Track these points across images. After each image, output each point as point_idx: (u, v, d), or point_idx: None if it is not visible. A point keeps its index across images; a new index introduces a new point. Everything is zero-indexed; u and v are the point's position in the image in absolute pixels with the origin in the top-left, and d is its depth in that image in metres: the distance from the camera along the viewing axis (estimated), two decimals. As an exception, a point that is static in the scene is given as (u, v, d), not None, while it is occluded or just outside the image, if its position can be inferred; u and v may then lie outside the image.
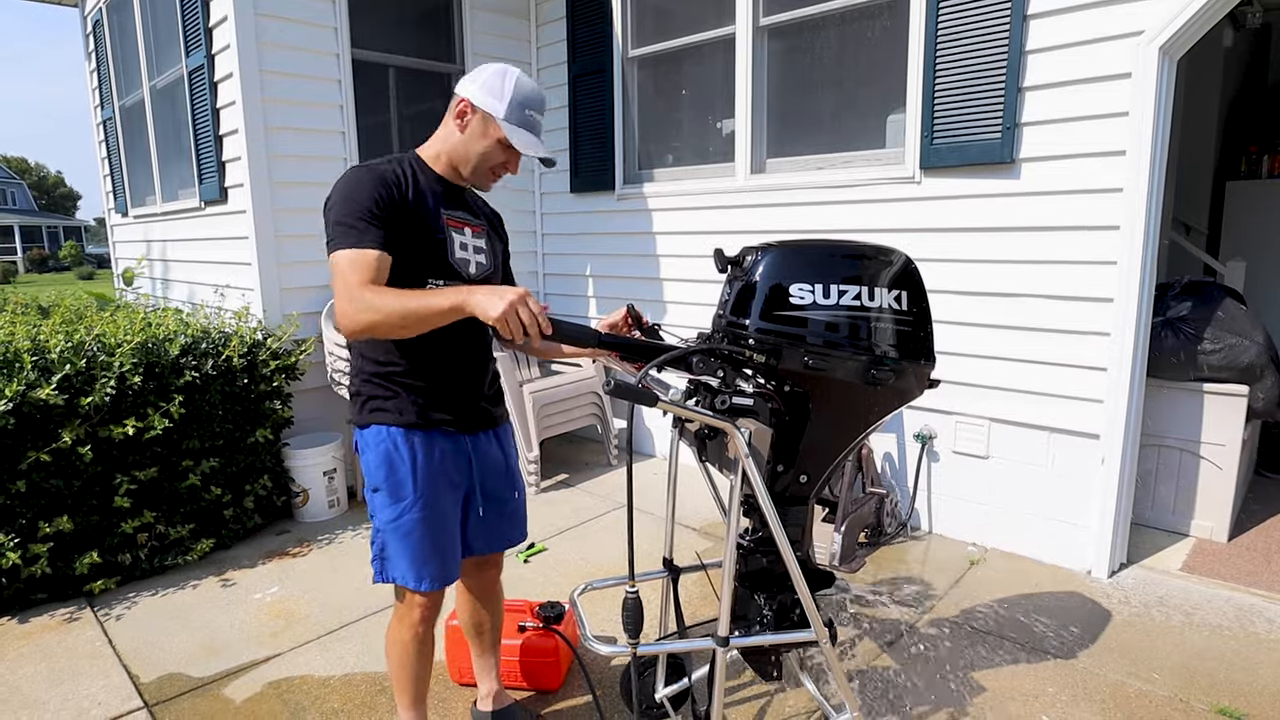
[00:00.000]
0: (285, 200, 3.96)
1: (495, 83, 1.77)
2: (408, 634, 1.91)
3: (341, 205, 1.67)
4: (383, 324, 1.56)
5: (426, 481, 1.81)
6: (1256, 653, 2.57)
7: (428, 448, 1.81)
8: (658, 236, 4.53)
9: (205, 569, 3.39)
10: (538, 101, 1.82)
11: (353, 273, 1.60)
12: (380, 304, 1.55)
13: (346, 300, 1.58)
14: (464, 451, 1.90)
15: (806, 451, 1.82)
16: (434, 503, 1.82)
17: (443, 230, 1.80)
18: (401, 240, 1.69)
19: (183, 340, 3.40)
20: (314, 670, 2.60)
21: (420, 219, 1.76)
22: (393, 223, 1.68)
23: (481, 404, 1.94)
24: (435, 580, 1.84)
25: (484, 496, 1.95)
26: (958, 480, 3.50)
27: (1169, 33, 2.69)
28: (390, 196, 1.69)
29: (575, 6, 4.70)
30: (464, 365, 1.88)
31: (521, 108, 1.78)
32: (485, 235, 1.93)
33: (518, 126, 1.78)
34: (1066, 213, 3.00)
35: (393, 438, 1.79)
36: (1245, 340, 3.27)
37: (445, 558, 1.86)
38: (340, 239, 1.65)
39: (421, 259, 1.75)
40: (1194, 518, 3.44)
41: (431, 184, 1.82)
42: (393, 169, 1.76)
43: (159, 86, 4.93)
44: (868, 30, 3.59)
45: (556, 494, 4.18)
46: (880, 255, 1.83)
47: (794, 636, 1.81)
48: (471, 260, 1.86)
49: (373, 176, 1.70)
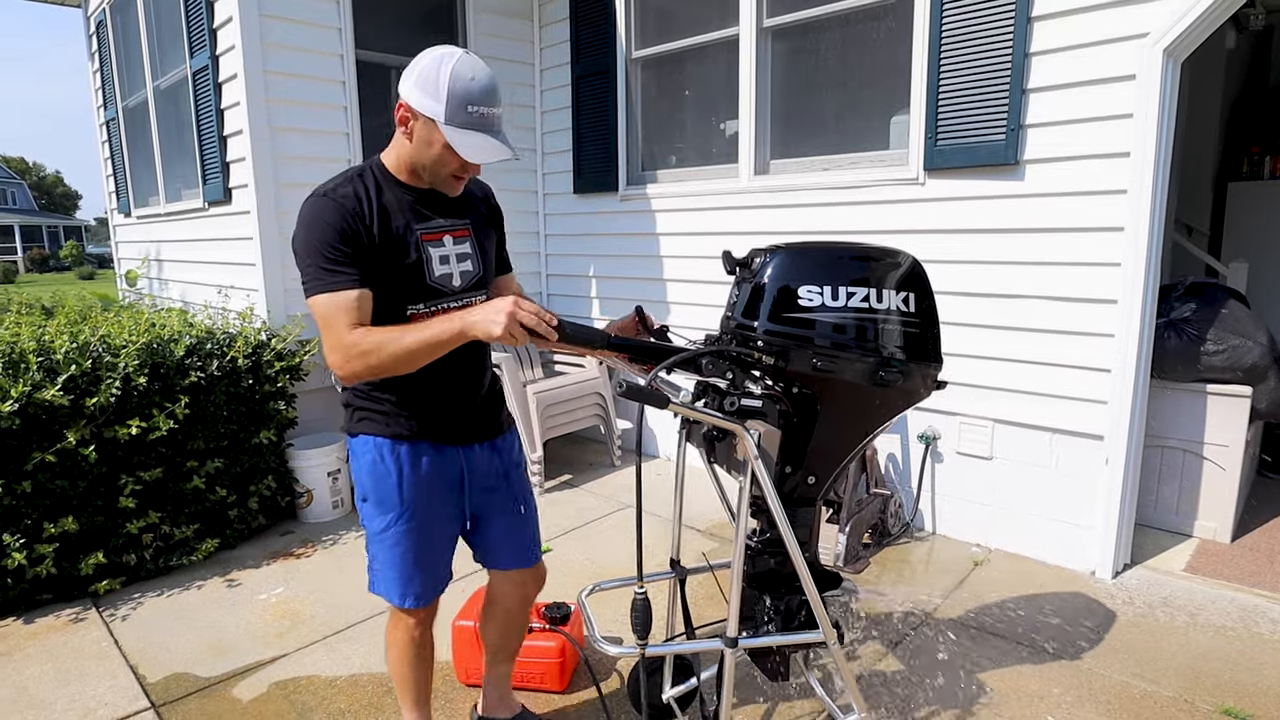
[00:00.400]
0: (289, 201, 3.96)
1: (430, 78, 1.55)
2: (404, 638, 1.89)
3: (306, 246, 1.56)
4: (379, 368, 1.53)
5: (413, 494, 1.74)
6: (1261, 654, 2.58)
7: (414, 460, 1.75)
8: (661, 237, 4.54)
9: (210, 569, 3.39)
10: (483, 92, 1.57)
11: (335, 319, 1.53)
12: (372, 349, 1.50)
13: (336, 351, 1.53)
14: (455, 464, 1.81)
15: (815, 453, 1.83)
16: (420, 516, 1.76)
17: (417, 249, 1.67)
18: (374, 270, 1.60)
19: (188, 341, 3.41)
20: (320, 671, 2.61)
21: (390, 245, 1.63)
22: (361, 256, 1.58)
23: (475, 415, 1.85)
24: (419, 598, 1.81)
25: (483, 509, 1.88)
26: (961, 481, 3.50)
27: (1174, 35, 2.69)
28: (354, 229, 1.57)
29: (579, 8, 4.71)
30: (457, 377, 1.79)
31: (463, 105, 1.55)
32: (470, 234, 1.79)
33: (462, 129, 1.56)
34: (1071, 214, 3.00)
35: (379, 448, 1.74)
36: (1249, 341, 3.28)
37: (430, 573, 1.81)
38: (313, 282, 1.55)
39: (398, 286, 1.65)
40: (1197, 518, 3.44)
41: (399, 196, 1.67)
42: (353, 191, 1.61)
43: (163, 87, 4.93)
44: (872, 31, 3.60)
45: (560, 494, 4.19)
46: (888, 257, 1.83)
47: (802, 637, 1.81)
48: (454, 272, 1.74)
49: (332, 210, 1.56)
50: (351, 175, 1.66)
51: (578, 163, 4.89)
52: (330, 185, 1.63)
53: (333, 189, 1.61)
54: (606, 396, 4.54)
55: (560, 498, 4.14)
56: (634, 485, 4.21)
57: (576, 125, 4.84)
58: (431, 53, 1.58)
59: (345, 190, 1.61)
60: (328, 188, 1.62)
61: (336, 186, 1.62)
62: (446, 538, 1.85)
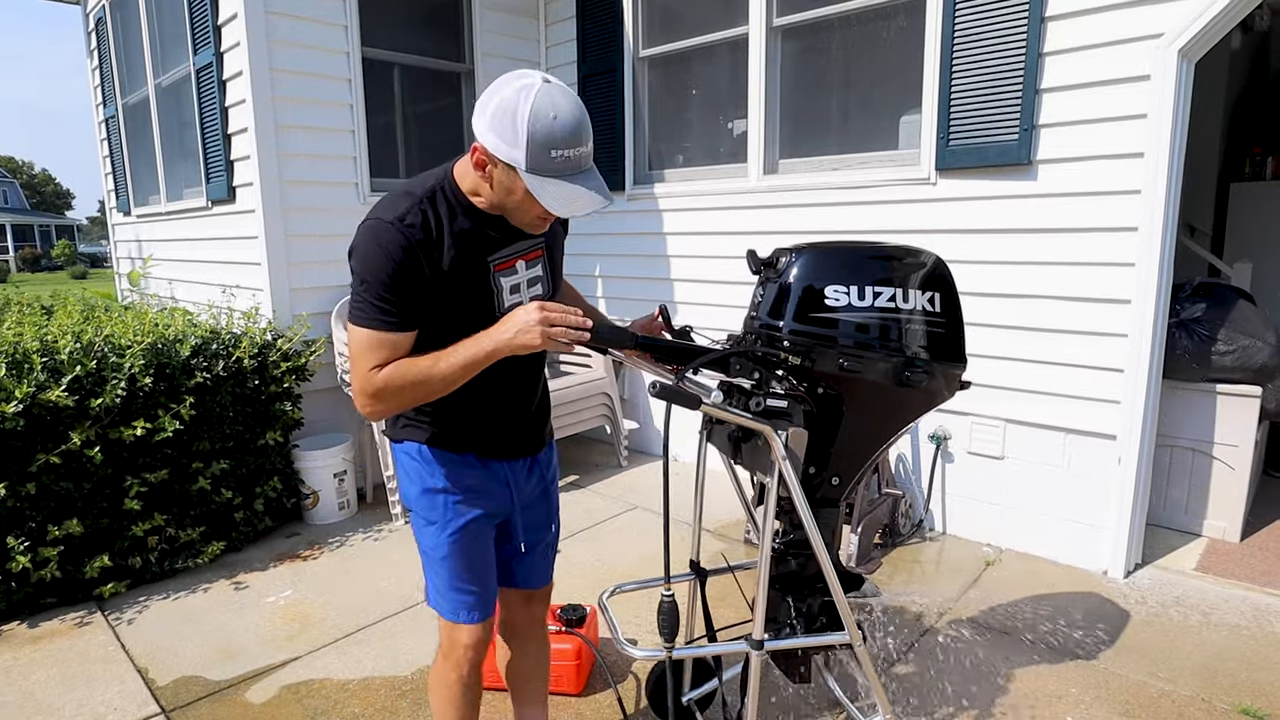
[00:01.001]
0: (295, 199, 3.93)
1: (507, 124, 1.35)
2: (453, 674, 1.73)
3: (362, 271, 1.44)
4: (402, 406, 1.50)
5: (458, 505, 1.65)
6: (1277, 653, 2.58)
7: (459, 469, 1.65)
8: (668, 237, 4.52)
9: (216, 572, 3.36)
10: (569, 133, 1.36)
11: (363, 357, 1.45)
12: (392, 392, 1.45)
13: (358, 390, 1.47)
14: (501, 478, 1.71)
15: (839, 454, 1.81)
16: (467, 528, 1.66)
17: (488, 282, 1.55)
18: (436, 305, 1.48)
19: (193, 341, 3.38)
20: (332, 674, 2.58)
21: (459, 280, 1.50)
22: (420, 294, 1.45)
23: (525, 429, 1.75)
24: (473, 611, 1.68)
25: (521, 527, 1.78)
26: (972, 481, 3.50)
27: (1188, 35, 2.69)
28: (416, 265, 1.43)
29: (585, 6, 4.69)
30: (508, 389, 1.67)
31: (546, 150, 1.35)
32: (543, 253, 1.67)
33: (548, 178, 1.38)
34: (1084, 214, 3.00)
35: (423, 456, 1.65)
36: (1259, 342, 3.28)
37: (481, 587, 1.70)
38: (359, 310, 1.45)
39: (463, 319, 1.50)
40: (1206, 518, 3.45)
41: (473, 224, 1.51)
42: (422, 222, 1.45)
43: (164, 84, 4.89)
44: (883, 31, 3.59)
45: (568, 495, 4.17)
46: (912, 256, 1.83)
47: (829, 639, 1.80)
48: (525, 298, 1.62)
49: (397, 242, 1.42)
50: (422, 197, 1.47)
51: (583, 162, 4.86)
52: (398, 210, 1.45)
53: (401, 216, 1.44)
54: (613, 397, 4.53)
55: (568, 499, 4.12)
56: (643, 486, 4.20)
57: (582, 124, 4.81)
58: (506, 86, 1.37)
59: (414, 220, 1.44)
60: (396, 213, 1.44)
61: (406, 213, 1.44)
62: (490, 557, 1.73)
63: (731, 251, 4.17)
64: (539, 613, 1.95)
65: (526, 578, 1.86)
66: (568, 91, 1.40)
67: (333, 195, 4.08)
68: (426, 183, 1.51)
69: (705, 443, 2.00)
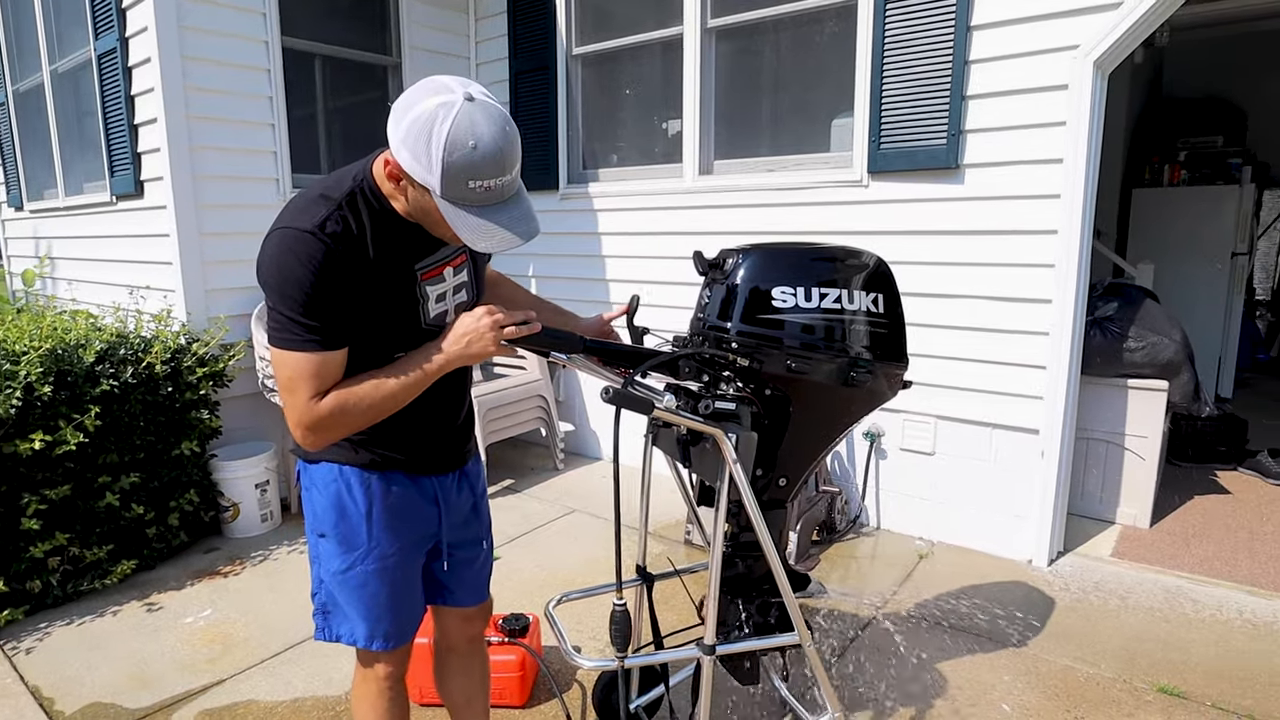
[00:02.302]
0: (210, 195, 3.72)
1: (421, 145, 1.22)
2: (373, 690, 1.66)
3: (278, 288, 1.31)
4: (350, 431, 1.39)
5: (384, 528, 1.54)
6: (1188, 632, 2.73)
7: (386, 490, 1.54)
8: (603, 237, 4.48)
9: (127, 593, 3.15)
10: (489, 162, 1.23)
11: (297, 384, 1.32)
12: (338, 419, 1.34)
13: (298, 425, 1.35)
14: (429, 495, 1.62)
15: (787, 455, 1.82)
16: (391, 553, 1.55)
17: (414, 292, 1.44)
18: (359, 319, 1.36)
19: (98, 346, 3.15)
20: (259, 697, 2.45)
21: (383, 291, 1.38)
22: (344, 307, 1.33)
23: (453, 440, 1.67)
24: (390, 639, 1.60)
25: (451, 545, 1.69)
26: (905, 476, 3.59)
27: (1103, 47, 2.82)
28: (338, 277, 1.31)
29: (516, 2, 4.60)
30: (437, 401, 1.58)
31: (463, 180, 1.23)
32: (467, 258, 1.56)
33: (464, 211, 1.26)
34: (1008, 217, 3.11)
35: (345, 478, 1.52)
36: (1165, 339, 3.48)
37: (404, 614, 1.62)
38: (280, 332, 1.32)
39: (388, 332, 1.42)
40: (1120, 505, 3.63)
41: (396, 229, 1.39)
42: (344, 230, 1.32)
43: (61, 70, 4.56)
44: (816, 34, 3.64)
45: (504, 500, 4.08)
46: (855, 258, 1.84)
47: (779, 640, 1.80)
48: (450, 309, 1.52)
49: (316, 253, 1.29)
50: (341, 201, 1.34)
51: (515, 160, 4.78)
52: (316, 217, 1.31)
53: (321, 224, 1.30)
54: (548, 399, 4.46)
55: (504, 503, 4.03)
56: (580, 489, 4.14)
57: (515, 122, 4.73)
58: (425, 98, 1.23)
59: (335, 228, 1.31)
60: (314, 221, 1.30)
61: (325, 220, 1.31)
62: (418, 576, 1.65)
63: (667, 252, 4.16)
64: (478, 630, 1.87)
65: (463, 596, 1.78)
66: (492, 111, 1.25)
67: (251, 191, 3.88)
68: (343, 184, 1.37)
69: (650, 446, 1.97)
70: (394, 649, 1.62)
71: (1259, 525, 3.58)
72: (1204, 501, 3.88)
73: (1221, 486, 4.08)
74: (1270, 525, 3.58)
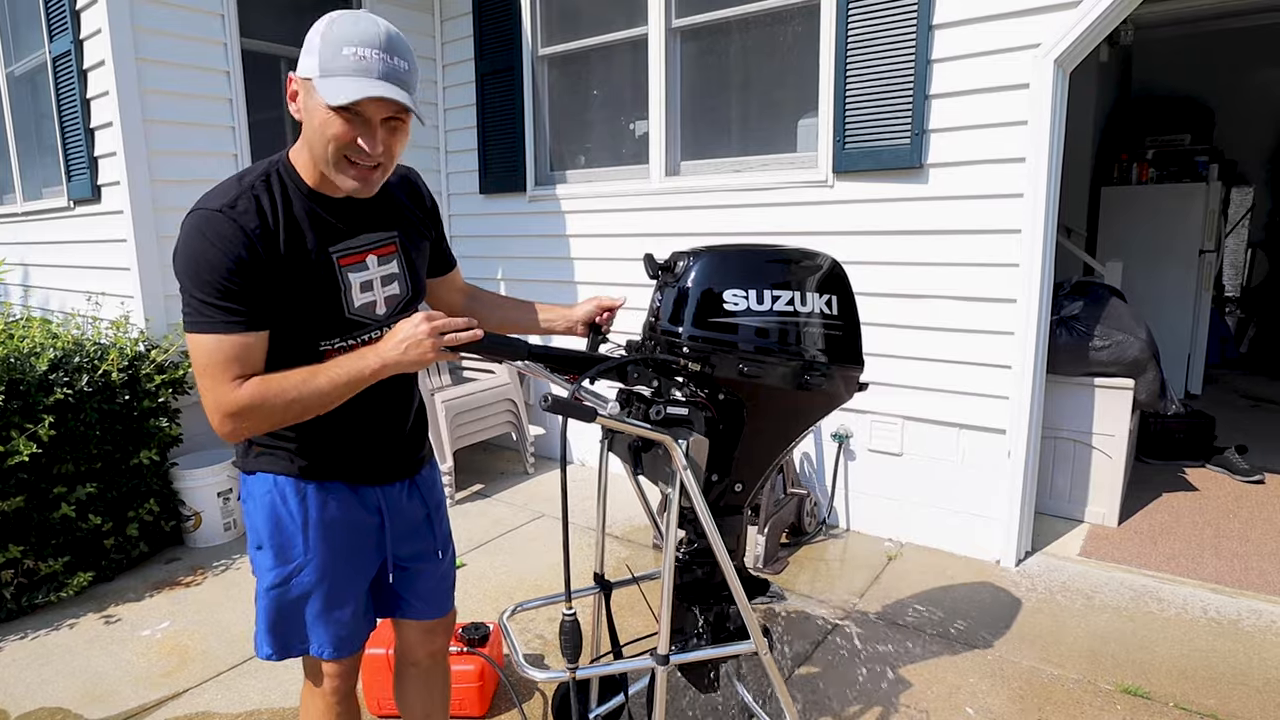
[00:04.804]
0: (169, 199, 3.64)
1: (313, 38, 1.28)
2: (320, 706, 1.62)
3: (190, 272, 1.27)
4: (271, 426, 1.34)
5: (321, 540, 1.49)
6: (1152, 632, 2.73)
7: (322, 500, 1.49)
8: (571, 239, 4.45)
9: (84, 605, 3.08)
10: (367, 34, 1.25)
11: (214, 369, 1.28)
12: (259, 408, 1.28)
13: (214, 411, 1.30)
14: (372, 506, 1.56)
15: (741, 460, 1.79)
16: (330, 565, 1.51)
17: (334, 277, 1.39)
18: (278, 303, 1.33)
19: (52, 354, 3.08)
20: (215, 709, 2.40)
21: (300, 272, 1.35)
22: (260, 288, 1.30)
23: (398, 450, 1.61)
24: (333, 648, 1.55)
25: (399, 558, 1.64)
26: (874, 477, 3.58)
27: (1063, 46, 2.82)
28: (252, 256, 1.28)
29: (482, 2, 4.56)
30: (379, 408, 1.53)
31: (338, 47, 1.24)
32: (397, 249, 1.52)
33: (338, 76, 1.24)
34: (972, 217, 3.11)
35: (280, 489, 1.47)
36: (1131, 337, 3.49)
37: (345, 627, 1.56)
38: (194, 317, 1.28)
39: (310, 320, 1.38)
40: (1088, 504, 3.64)
41: (311, 209, 1.38)
42: (255, 207, 1.30)
43: (17, 73, 4.47)
44: (780, 34, 3.63)
45: (473, 505, 4.04)
46: (809, 259, 1.82)
47: (734, 649, 1.77)
48: (379, 299, 1.47)
49: (227, 231, 1.26)
50: (253, 181, 1.34)
51: (484, 162, 4.74)
52: (227, 196, 1.30)
53: (230, 203, 1.29)
54: (518, 403, 4.42)
55: (473, 509, 3.99)
56: (550, 494, 4.10)
57: (482, 123, 4.69)
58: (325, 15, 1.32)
59: (245, 205, 1.29)
60: (224, 200, 1.29)
61: (236, 199, 1.30)
62: (359, 592, 1.59)
63: (636, 253, 4.11)
64: (440, 645, 1.82)
65: (422, 609, 1.73)
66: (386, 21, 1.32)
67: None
68: (259, 167, 1.39)
69: (606, 452, 1.94)
70: (337, 660, 1.58)
71: (1225, 523, 3.60)
72: (1172, 499, 3.90)
73: (1189, 484, 4.11)
74: (1236, 522, 3.60)
